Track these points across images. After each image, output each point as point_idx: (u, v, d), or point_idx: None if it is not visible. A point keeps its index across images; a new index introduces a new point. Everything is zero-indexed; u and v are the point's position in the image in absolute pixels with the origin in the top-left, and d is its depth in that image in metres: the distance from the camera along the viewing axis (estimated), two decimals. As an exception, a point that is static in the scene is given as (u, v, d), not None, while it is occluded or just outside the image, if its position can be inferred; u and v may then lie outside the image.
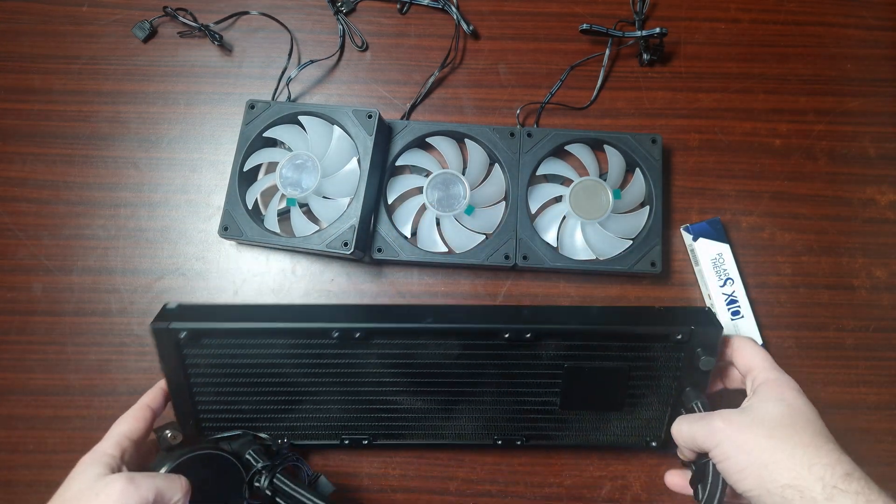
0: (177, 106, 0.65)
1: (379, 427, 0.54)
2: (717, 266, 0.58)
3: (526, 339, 0.49)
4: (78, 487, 0.42)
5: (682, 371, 0.50)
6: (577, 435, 0.54)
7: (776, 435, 0.40)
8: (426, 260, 0.58)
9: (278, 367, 0.50)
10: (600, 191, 0.59)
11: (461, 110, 0.64)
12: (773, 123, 0.64)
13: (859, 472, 0.38)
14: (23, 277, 0.60)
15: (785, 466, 0.38)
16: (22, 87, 0.65)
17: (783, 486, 0.38)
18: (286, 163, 0.59)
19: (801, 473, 0.38)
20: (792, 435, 0.40)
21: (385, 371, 0.51)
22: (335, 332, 0.49)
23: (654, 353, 0.50)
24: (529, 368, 0.51)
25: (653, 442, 0.53)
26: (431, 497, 0.56)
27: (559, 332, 0.50)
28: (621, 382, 0.51)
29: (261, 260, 0.61)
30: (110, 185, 0.63)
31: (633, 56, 0.66)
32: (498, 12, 0.67)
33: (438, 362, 0.51)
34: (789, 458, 0.38)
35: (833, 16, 0.67)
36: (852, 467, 0.38)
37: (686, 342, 0.49)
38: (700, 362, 0.48)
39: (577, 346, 0.50)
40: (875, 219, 0.62)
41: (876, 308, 0.60)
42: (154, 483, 0.42)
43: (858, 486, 0.36)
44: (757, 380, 0.45)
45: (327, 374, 0.51)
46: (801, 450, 0.39)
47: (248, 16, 0.66)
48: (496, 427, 0.54)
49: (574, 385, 0.51)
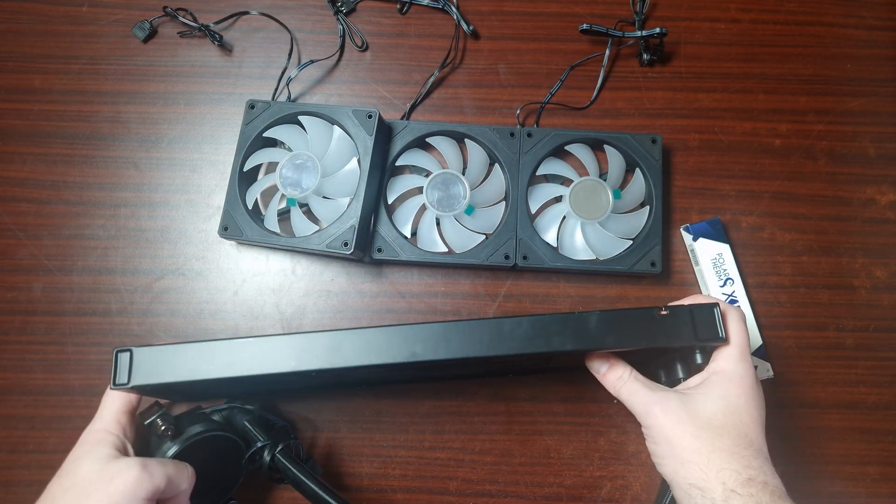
0: (177, 106, 0.65)
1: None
2: (717, 266, 0.58)
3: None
4: (89, 469, 0.41)
5: (674, 353, 0.47)
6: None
7: (701, 437, 0.41)
8: (426, 260, 0.58)
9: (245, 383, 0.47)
10: (600, 191, 0.59)
11: (461, 110, 0.64)
12: (773, 123, 0.64)
13: (762, 478, 0.39)
14: (23, 277, 0.60)
15: (697, 468, 0.40)
16: (22, 87, 0.65)
17: (690, 484, 0.40)
18: (286, 163, 0.59)
19: (708, 476, 0.40)
20: (715, 439, 0.41)
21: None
22: (312, 372, 0.43)
23: None
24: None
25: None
26: (431, 497, 0.56)
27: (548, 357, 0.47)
28: None
29: (261, 260, 0.61)
30: (110, 185, 0.63)
31: (633, 56, 0.66)
32: (498, 12, 0.67)
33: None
34: (705, 461, 0.40)
35: (833, 16, 0.67)
36: (757, 472, 0.40)
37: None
38: (696, 356, 0.46)
39: None
40: (875, 219, 0.62)
41: (876, 308, 0.60)
42: (165, 471, 0.42)
43: (753, 490, 0.38)
44: (715, 365, 0.45)
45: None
46: (717, 454, 0.40)
47: (248, 16, 0.66)
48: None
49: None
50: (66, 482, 0.41)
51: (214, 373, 0.43)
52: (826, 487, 0.56)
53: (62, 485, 0.41)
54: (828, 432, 0.57)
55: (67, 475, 0.42)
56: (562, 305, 0.59)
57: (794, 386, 0.58)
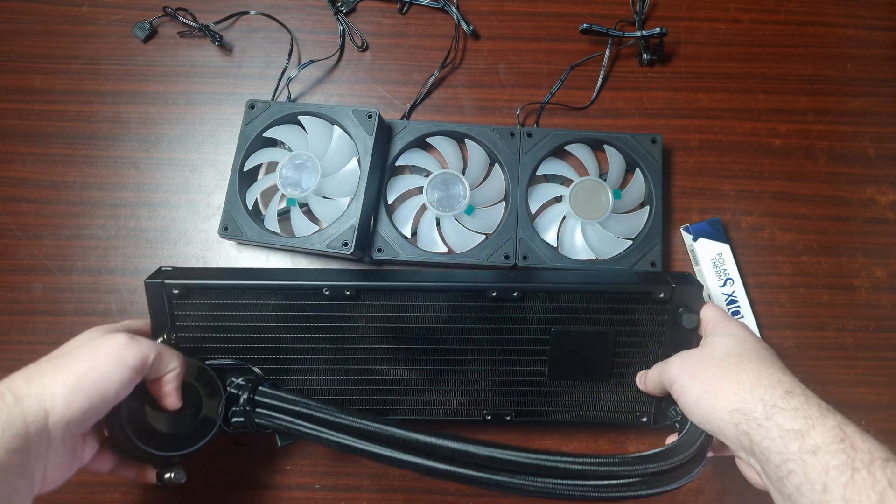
0: (177, 106, 0.65)
1: (367, 400, 0.53)
2: (717, 266, 0.58)
3: (513, 297, 0.50)
4: (79, 342, 0.42)
5: (666, 336, 0.51)
6: (567, 411, 0.53)
7: (724, 364, 0.42)
8: (426, 260, 0.58)
9: (267, 332, 0.51)
10: (600, 191, 0.59)
11: (461, 110, 0.64)
12: (773, 123, 0.64)
13: (800, 390, 0.39)
14: (23, 277, 0.60)
15: (731, 391, 0.40)
16: (22, 87, 0.65)
17: (731, 411, 0.39)
18: (286, 163, 0.59)
19: (744, 397, 0.39)
20: (738, 363, 0.42)
21: (374, 336, 0.51)
22: (325, 289, 0.49)
23: (639, 317, 0.51)
24: (518, 334, 0.51)
25: (643, 417, 0.53)
26: (431, 497, 0.56)
27: (544, 290, 0.50)
28: (608, 348, 0.51)
29: (261, 260, 0.61)
30: (110, 185, 0.63)
31: (633, 56, 0.66)
32: (498, 12, 0.67)
33: (427, 326, 0.51)
34: (735, 384, 0.40)
35: (833, 16, 0.67)
36: (793, 385, 0.39)
37: (668, 301, 0.50)
38: (683, 319, 0.49)
39: (562, 309, 0.51)
40: (875, 219, 0.62)
41: (876, 308, 0.60)
42: (153, 344, 0.42)
43: (797, 403, 0.38)
44: (709, 324, 0.48)
45: (316, 338, 0.51)
46: (745, 375, 0.40)
47: (248, 16, 0.66)
48: (485, 401, 0.53)
49: (561, 352, 0.52)
50: (55, 353, 0.41)
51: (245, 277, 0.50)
52: (826, 487, 0.56)
53: (51, 355, 0.41)
54: (828, 432, 0.57)
55: (58, 351, 0.42)
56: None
57: (794, 386, 0.58)
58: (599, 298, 0.50)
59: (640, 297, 0.50)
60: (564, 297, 0.50)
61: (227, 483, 0.56)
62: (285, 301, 0.50)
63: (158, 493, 0.56)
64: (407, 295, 0.50)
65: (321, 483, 0.56)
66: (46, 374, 0.38)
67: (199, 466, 0.56)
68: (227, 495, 0.56)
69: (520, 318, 0.51)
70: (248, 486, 0.56)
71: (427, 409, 0.53)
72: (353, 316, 0.51)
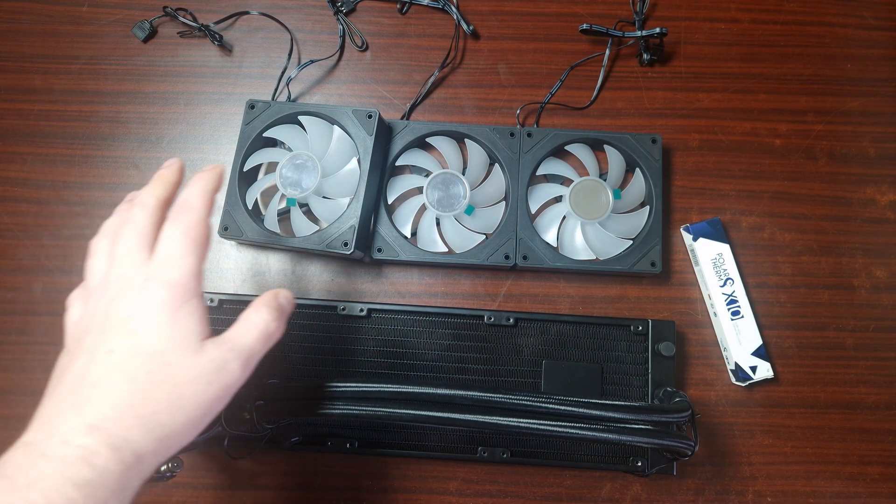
0: (177, 106, 0.65)
1: (364, 432, 0.54)
2: (717, 266, 0.58)
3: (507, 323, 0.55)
4: (178, 360, 0.36)
5: (650, 366, 0.54)
6: (561, 453, 0.54)
7: None
8: (426, 260, 0.58)
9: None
10: (600, 191, 0.59)
11: (461, 110, 0.64)
12: (773, 123, 0.64)
13: None
14: (23, 278, 0.60)
15: None
16: (22, 87, 0.65)
17: None
18: (286, 163, 0.59)
19: None
20: None
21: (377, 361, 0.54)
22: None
23: (622, 354, 0.55)
24: (511, 364, 0.54)
25: (638, 462, 0.53)
26: (431, 497, 0.56)
27: (537, 320, 0.56)
28: (595, 380, 0.54)
29: (261, 260, 0.61)
30: (110, 185, 0.63)
31: (633, 56, 0.66)
32: (498, 12, 0.67)
33: (426, 364, 0.54)
34: None
35: (833, 16, 0.67)
36: None
37: (645, 334, 0.55)
38: (661, 347, 0.54)
39: (552, 341, 0.55)
40: (875, 219, 0.62)
41: (876, 308, 0.60)
42: (257, 354, 0.38)
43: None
44: None
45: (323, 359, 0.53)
46: None
47: (248, 16, 0.66)
48: (481, 438, 0.54)
49: (552, 386, 0.54)
50: (149, 364, 0.34)
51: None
52: (826, 487, 0.56)
53: (143, 365, 0.34)
54: (828, 432, 0.57)
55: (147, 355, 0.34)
56: (562, 305, 0.60)
57: (794, 386, 0.58)
58: (584, 330, 0.55)
59: (619, 332, 0.55)
60: (554, 329, 0.55)
61: (228, 483, 0.56)
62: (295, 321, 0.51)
63: (158, 493, 0.56)
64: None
65: (321, 483, 0.56)
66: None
67: (200, 466, 0.56)
68: (227, 495, 0.56)
69: (515, 348, 0.55)
70: (248, 487, 0.56)
71: (422, 446, 0.54)
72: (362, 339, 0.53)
